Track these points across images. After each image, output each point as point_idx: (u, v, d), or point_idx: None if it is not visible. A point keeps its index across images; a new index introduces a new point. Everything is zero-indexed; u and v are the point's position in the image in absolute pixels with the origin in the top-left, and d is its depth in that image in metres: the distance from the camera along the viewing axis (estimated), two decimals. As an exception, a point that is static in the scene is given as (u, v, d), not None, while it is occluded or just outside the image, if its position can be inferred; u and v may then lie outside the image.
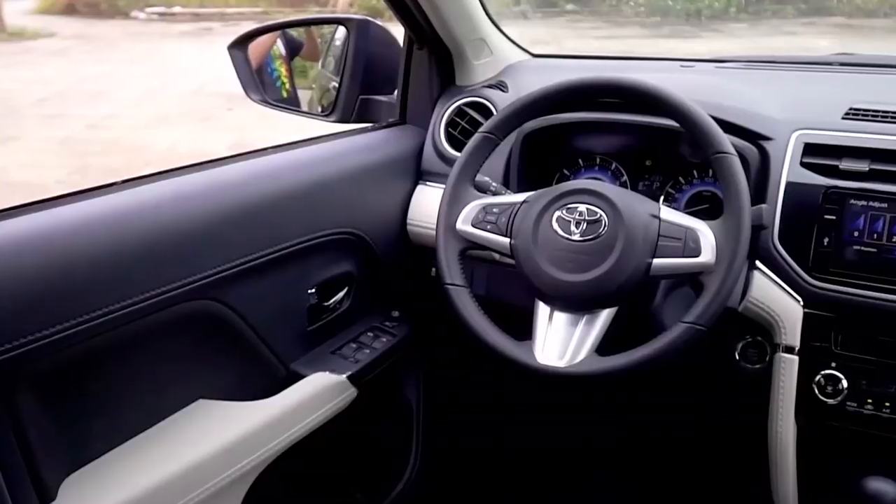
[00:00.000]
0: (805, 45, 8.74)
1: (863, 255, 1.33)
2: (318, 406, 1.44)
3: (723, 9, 11.03)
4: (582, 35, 10.23)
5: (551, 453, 2.11)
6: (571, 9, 11.75)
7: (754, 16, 11.14)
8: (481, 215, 1.36)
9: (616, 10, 12.03)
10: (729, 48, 8.95)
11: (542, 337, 1.28)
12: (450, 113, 1.74)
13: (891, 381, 1.34)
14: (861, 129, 1.41)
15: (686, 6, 11.09)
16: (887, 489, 1.34)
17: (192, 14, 13.73)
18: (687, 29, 10.39)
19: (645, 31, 10.55)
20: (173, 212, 1.26)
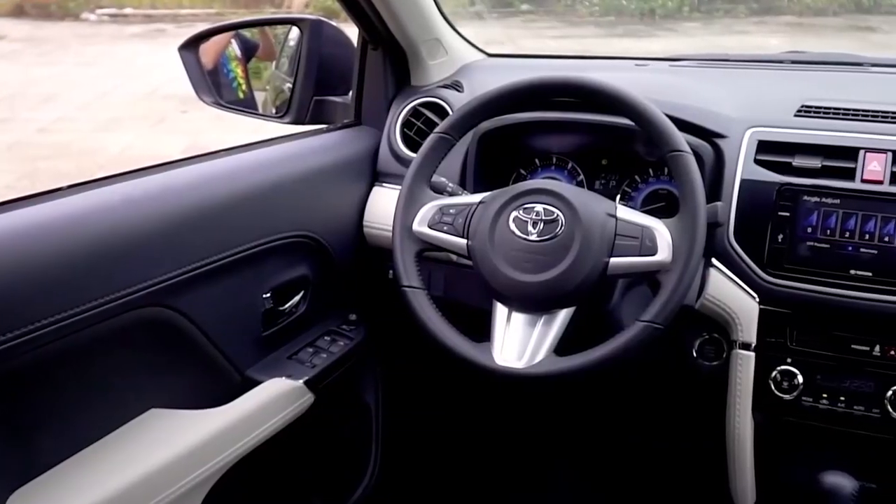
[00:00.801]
0: (757, 43, 8.86)
1: (816, 251, 1.35)
2: (274, 412, 1.41)
3: (676, 8, 11.13)
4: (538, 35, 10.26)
5: (512, 453, 2.11)
6: (527, 9, 11.77)
7: (707, 15, 11.26)
8: (437, 216, 1.34)
9: (571, 10, 12.08)
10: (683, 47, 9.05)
11: (500, 338, 1.28)
12: (405, 113, 1.73)
13: (845, 375, 1.36)
14: (813, 126, 1.43)
15: (640, 6, 11.18)
16: (844, 483, 1.35)
17: (144, 15, 13.53)
18: (641, 28, 10.47)
19: (600, 31, 10.61)
20: (124, 216, 1.23)
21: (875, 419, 1.35)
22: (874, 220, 1.32)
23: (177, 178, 1.37)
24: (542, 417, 2.06)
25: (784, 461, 1.49)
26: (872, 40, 7.98)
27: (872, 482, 1.42)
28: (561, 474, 2.11)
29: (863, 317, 1.33)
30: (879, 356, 1.34)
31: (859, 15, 9.78)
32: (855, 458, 1.43)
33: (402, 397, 1.90)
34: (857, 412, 1.35)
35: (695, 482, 1.88)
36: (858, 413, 1.35)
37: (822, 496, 1.36)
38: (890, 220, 1.31)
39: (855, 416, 1.36)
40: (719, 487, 1.54)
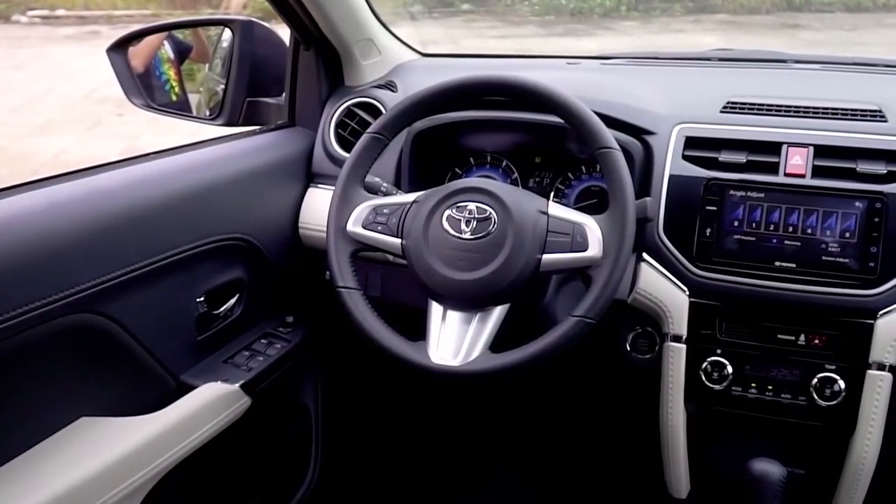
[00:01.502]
0: (692, 41, 9.02)
1: (743, 244, 1.38)
2: (210, 417, 1.40)
3: (614, 7, 11.27)
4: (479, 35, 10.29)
5: (451, 452, 2.12)
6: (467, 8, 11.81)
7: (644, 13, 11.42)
8: (372, 216, 1.34)
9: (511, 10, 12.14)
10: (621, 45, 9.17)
11: (435, 336, 1.28)
12: (339, 114, 1.72)
13: (772, 365, 1.39)
14: (738, 122, 1.46)
15: (579, 5, 11.29)
16: (772, 469, 1.38)
17: (77, 17, 13.25)
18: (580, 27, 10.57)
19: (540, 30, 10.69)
20: (48, 221, 1.20)
21: (802, 406, 1.38)
22: (797, 212, 1.36)
23: (105, 181, 1.35)
24: (480, 415, 2.07)
25: (716, 451, 1.52)
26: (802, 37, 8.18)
27: (800, 468, 1.46)
28: (499, 472, 2.12)
29: (788, 307, 1.36)
30: (804, 345, 1.37)
31: (790, 13, 10.02)
32: (783, 446, 1.46)
33: (342, 398, 1.90)
34: (785, 400, 1.39)
35: (631, 474, 1.91)
36: (786, 401, 1.39)
37: (751, 483, 1.39)
38: (812, 212, 1.35)
39: (782, 404, 1.39)
40: (655, 479, 1.56)
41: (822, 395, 1.36)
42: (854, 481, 1.40)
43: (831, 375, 1.36)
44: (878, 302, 1.31)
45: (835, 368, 1.36)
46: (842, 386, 1.35)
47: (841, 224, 1.34)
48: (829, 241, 1.34)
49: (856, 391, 1.35)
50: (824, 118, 1.44)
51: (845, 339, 1.35)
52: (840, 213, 1.34)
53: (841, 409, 1.36)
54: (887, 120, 1.41)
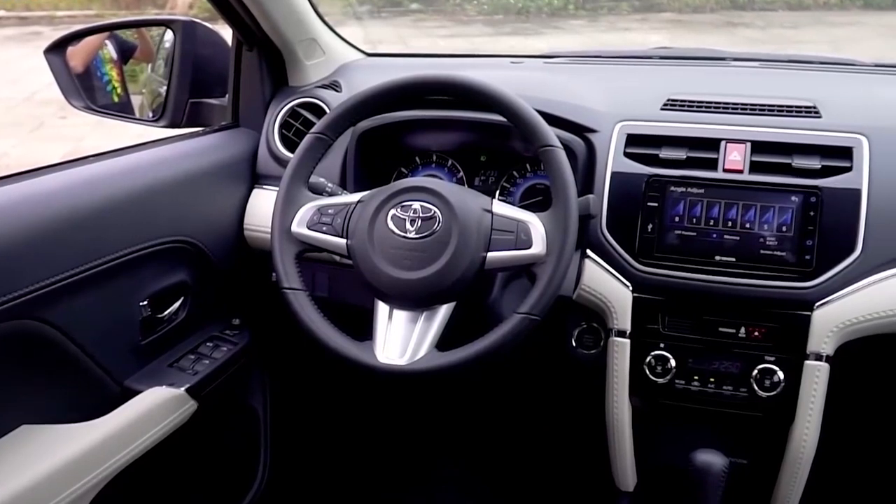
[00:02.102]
0: (639, 39, 9.12)
1: (683, 239, 1.40)
2: (155, 422, 1.38)
3: (561, 6, 11.34)
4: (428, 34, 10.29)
5: (402, 451, 2.12)
6: (416, 8, 11.79)
7: (591, 12, 11.51)
8: (316, 217, 1.34)
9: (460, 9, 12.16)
10: (569, 44, 9.24)
11: (382, 336, 1.28)
12: (283, 114, 1.71)
13: (714, 358, 1.42)
14: (678, 119, 1.48)
15: (526, 4, 11.34)
16: (715, 460, 1.41)
17: (17, 18, 12.97)
18: (529, 26, 10.62)
19: (489, 29, 10.72)
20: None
21: (743, 398, 1.41)
22: (736, 207, 1.38)
23: (45, 184, 1.33)
24: (430, 413, 2.08)
25: (661, 443, 1.55)
26: (745, 35, 8.33)
27: (743, 458, 1.49)
28: (450, 469, 2.13)
29: (728, 301, 1.39)
30: (745, 337, 1.40)
31: (734, 11, 10.18)
32: (726, 436, 1.49)
33: (291, 400, 1.89)
34: (727, 392, 1.42)
35: (579, 469, 1.93)
36: (727, 393, 1.42)
37: (695, 474, 1.41)
38: (750, 207, 1.38)
39: (724, 396, 1.42)
40: (602, 473, 1.58)
41: (762, 387, 1.39)
42: (794, 469, 1.43)
43: (771, 367, 1.39)
44: (815, 294, 1.34)
45: (774, 360, 1.39)
46: (781, 377, 1.38)
47: (778, 218, 1.37)
48: (766, 235, 1.37)
49: (794, 382, 1.38)
50: (761, 115, 1.47)
51: (784, 330, 1.38)
52: (777, 208, 1.37)
53: (780, 400, 1.39)
54: (821, 116, 1.45)
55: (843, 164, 1.37)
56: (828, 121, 1.44)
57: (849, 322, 1.33)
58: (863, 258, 1.33)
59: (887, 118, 1.44)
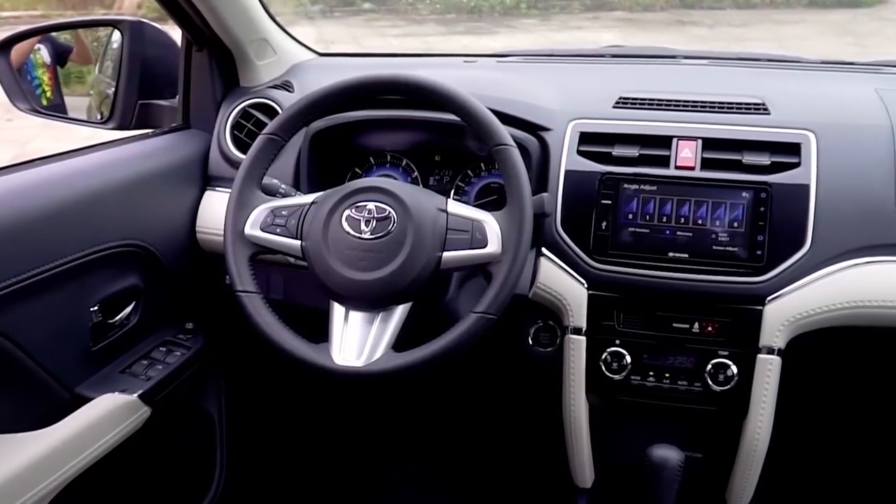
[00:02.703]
0: (592, 38, 9.17)
1: (637, 236, 1.41)
2: (107, 429, 1.35)
3: (514, 5, 11.37)
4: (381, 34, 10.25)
5: (361, 452, 2.11)
6: (368, 7, 11.74)
7: (544, 11, 11.55)
8: (270, 219, 1.33)
9: (413, 9, 12.13)
10: (522, 43, 9.27)
11: (338, 337, 1.27)
12: (234, 115, 1.69)
13: (669, 353, 1.43)
14: (630, 117, 1.49)
15: (479, 3, 11.35)
16: (671, 455, 1.42)
17: (-40, 18, 12.69)
18: (482, 25, 10.63)
19: (442, 29, 10.71)
20: None
21: (697, 392, 1.43)
22: (688, 204, 1.40)
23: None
24: (388, 413, 2.07)
25: (618, 439, 1.56)
26: (694, 33, 8.42)
27: (698, 452, 1.51)
28: (409, 468, 2.12)
29: (681, 296, 1.40)
30: (698, 333, 1.41)
31: (684, 10, 10.29)
32: (682, 431, 1.51)
33: (247, 404, 1.87)
34: (681, 387, 1.43)
35: (537, 467, 1.94)
36: (682, 388, 1.43)
37: (651, 469, 1.42)
38: (702, 203, 1.39)
39: (679, 391, 1.43)
40: (560, 470, 1.59)
41: (716, 381, 1.41)
42: (748, 462, 1.45)
43: (724, 361, 1.40)
44: (766, 288, 1.36)
45: (727, 354, 1.40)
46: (734, 371, 1.40)
47: (729, 214, 1.38)
48: (718, 231, 1.38)
49: (747, 375, 1.40)
50: (711, 112, 1.48)
51: (736, 325, 1.39)
52: (728, 204, 1.38)
53: (734, 394, 1.41)
54: (770, 113, 1.47)
55: (792, 160, 1.39)
56: (776, 117, 1.46)
57: (799, 316, 1.35)
58: (812, 253, 1.35)
59: (834, 114, 1.46)
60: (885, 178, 1.37)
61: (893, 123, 1.42)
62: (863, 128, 1.43)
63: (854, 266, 1.35)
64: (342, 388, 1.84)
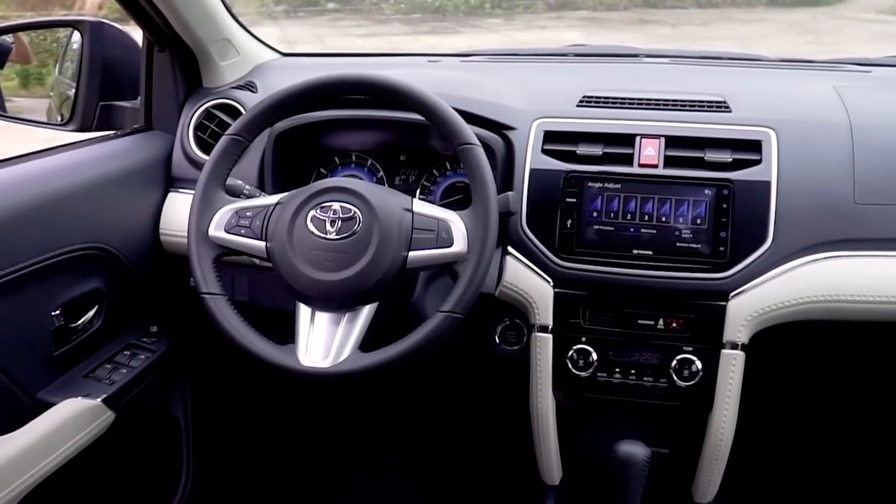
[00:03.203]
0: (556, 37, 9.20)
1: (602, 233, 1.42)
2: (70, 434, 1.34)
3: (478, 5, 11.38)
4: (345, 34, 10.21)
5: (328, 452, 2.10)
6: (333, 7, 11.69)
7: (508, 11, 11.56)
8: (234, 220, 1.32)
9: (377, 8, 12.10)
10: (487, 42, 9.28)
11: (304, 338, 1.27)
12: (198, 116, 1.68)
13: (634, 349, 1.45)
14: (594, 116, 1.50)
15: (444, 3, 11.35)
16: (637, 451, 1.43)
17: (-84, 19, 12.46)
18: (447, 25, 10.63)
19: (407, 28, 10.69)
20: None
21: (663, 388, 1.44)
22: (652, 201, 1.41)
23: None
24: (357, 413, 2.07)
25: (585, 436, 1.57)
26: (657, 32, 8.48)
27: (664, 447, 1.52)
28: (379, 469, 2.12)
29: (646, 293, 1.41)
30: (663, 329, 1.43)
31: (647, 9, 10.37)
32: (648, 427, 1.52)
33: (213, 407, 1.86)
34: (647, 383, 1.44)
35: (506, 464, 1.95)
36: (648, 384, 1.44)
37: (618, 465, 1.43)
38: (665, 200, 1.41)
39: (645, 387, 1.44)
40: (529, 468, 1.59)
41: (681, 376, 1.42)
42: (713, 456, 1.47)
43: (689, 357, 1.42)
44: (729, 284, 1.38)
45: (692, 350, 1.42)
46: (699, 366, 1.41)
47: (692, 211, 1.40)
48: (682, 228, 1.40)
49: (712, 370, 1.41)
50: (674, 110, 1.50)
51: (700, 321, 1.41)
52: (691, 201, 1.40)
53: (699, 389, 1.42)
54: (731, 110, 1.49)
55: (753, 156, 1.40)
56: (738, 115, 1.47)
57: (762, 311, 1.37)
58: (774, 248, 1.37)
59: (794, 112, 1.48)
60: (843, 173, 1.39)
61: (851, 120, 1.45)
62: (822, 125, 1.45)
63: (815, 261, 1.37)
64: (309, 390, 1.83)
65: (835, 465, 1.94)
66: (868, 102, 1.51)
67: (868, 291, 1.35)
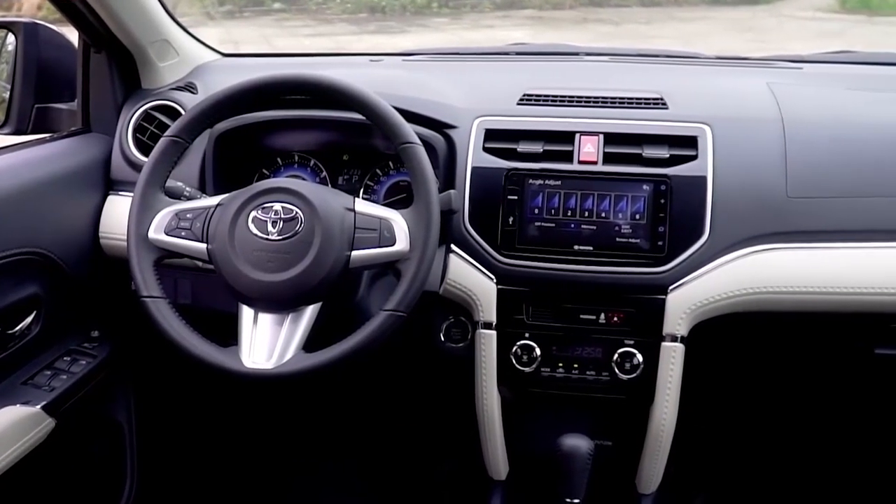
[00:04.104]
0: (503, 36, 9.22)
1: (543, 230, 1.44)
2: (9, 443, 1.32)
3: (425, 4, 11.38)
4: (292, 34, 10.14)
5: (274, 454, 2.09)
6: (279, 7, 11.59)
7: (455, 10, 11.58)
8: (174, 222, 1.31)
9: (324, 8, 12.03)
10: (434, 41, 9.28)
11: (248, 340, 1.27)
12: (136, 118, 1.66)
13: (577, 344, 1.47)
14: (534, 114, 1.52)
15: (391, 2, 11.33)
16: (581, 444, 1.45)
17: None
18: (394, 25, 10.61)
19: (354, 28, 10.64)
20: None
21: (605, 381, 1.46)
22: (592, 198, 1.43)
23: None
24: (303, 415, 2.06)
25: (531, 431, 1.58)
26: (601, 31, 8.57)
27: (608, 440, 1.55)
28: (326, 469, 2.12)
29: (587, 288, 1.43)
30: (605, 323, 1.45)
31: (591, 8, 10.47)
32: (592, 420, 1.54)
33: (158, 412, 1.84)
34: (590, 377, 1.46)
35: (454, 461, 1.96)
36: (591, 377, 1.46)
37: (562, 459, 1.45)
38: (605, 197, 1.43)
39: (588, 381, 1.47)
40: (475, 463, 1.61)
41: (623, 369, 1.44)
42: (655, 447, 1.50)
43: (630, 350, 1.44)
44: (668, 278, 1.40)
45: (633, 343, 1.44)
46: (640, 359, 1.44)
47: (631, 207, 1.42)
48: (621, 224, 1.42)
49: (652, 363, 1.44)
50: (612, 107, 1.52)
51: (641, 314, 1.43)
52: (630, 197, 1.42)
53: (640, 381, 1.45)
54: (668, 107, 1.51)
55: (690, 152, 1.43)
56: (674, 111, 1.50)
57: (700, 303, 1.40)
58: (710, 242, 1.39)
59: (728, 108, 1.51)
60: (776, 168, 1.42)
61: (784, 116, 1.48)
62: (755, 120, 1.49)
63: (750, 254, 1.40)
64: (254, 391, 1.82)
65: (774, 453, 1.99)
66: (799, 98, 1.55)
67: (800, 283, 1.38)
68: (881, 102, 1.56)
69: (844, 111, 1.52)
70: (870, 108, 1.54)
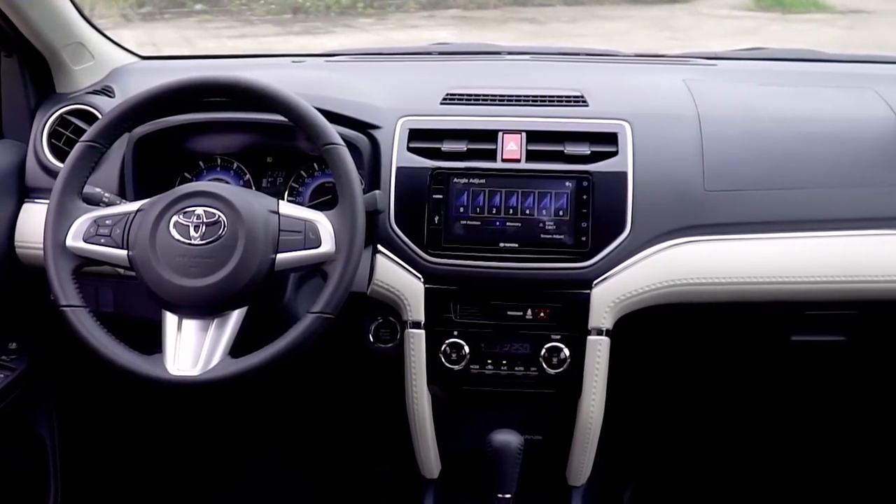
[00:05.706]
0: (428, 36, 9.22)
1: (469, 228, 1.45)
2: None
3: (350, 4, 11.30)
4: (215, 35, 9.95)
5: (206, 461, 2.06)
6: (200, 8, 11.38)
7: (380, 10, 11.52)
8: (93, 229, 1.28)
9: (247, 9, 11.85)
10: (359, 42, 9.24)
11: (172, 347, 1.25)
12: (51, 123, 1.62)
13: (504, 340, 1.48)
14: (457, 113, 1.53)
15: (315, 3, 11.23)
16: (511, 439, 1.46)
17: None
18: (319, 25, 10.51)
19: (278, 29, 10.50)
20: None
21: (534, 376, 1.48)
22: (516, 195, 1.44)
23: None
24: (234, 421, 2.04)
25: (462, 429, 1.59)
26: (526, 30, 8.65)
27: (537, 434, 1.57)
28: (260, 473, 2.10)
29: (514, 285, 1.45)
30: (531, 319, 1.46)
31: (516, 7, 10.54)
32: (522, 415, 1.56)
33: (82, 424, 1.79)
34: (519, 372, 1.48)
35: (389, 461, 1.96)
36: (519, 373, 1.48)
37: (493, 455, 1.46)
38: (529, 194, 1.44)
39: (517, 377, 1.48)
40: (408, 462, 1.61)
41: (550, 364, 1.46)
42: (584, 440, 1.52)
43: (557, 345, 1.46)
44: (592, 273, 1.42)
45: (560, 338, 1.46)
46: (567, 354, 1.46)
47: (555, 203, 1.44)
48: (545, 220, 1.44)
49: (579, 357, 1.46)
50: (534, 105, 1.54)
51: (566, 310, 1.45)
52: (553, 193, 1.44)
53: (568, 375, 1.46)
54: (588, 104, 1.54)
55: (610, 149, 1.46)
56: (594, 109, 1.53)
57: (624, 297, 1.42)
58: (632, 236, 1.42)
59: (647, 105, 1.55)
60: (693, 163, 1.46)
61: (700, 112, 1.52)
62: (673, 117, 1.52)
63: (671, 247, 1.43)
64: (181, 399, 1.79)
65: (701, 442, 2.03)
66: (715, 95, 1.59)
67: (718, 274, 1.42)
68: (793, 97, 1.61)
69: (758, 106, 1.57)
70: (782, 103, 1.59)
